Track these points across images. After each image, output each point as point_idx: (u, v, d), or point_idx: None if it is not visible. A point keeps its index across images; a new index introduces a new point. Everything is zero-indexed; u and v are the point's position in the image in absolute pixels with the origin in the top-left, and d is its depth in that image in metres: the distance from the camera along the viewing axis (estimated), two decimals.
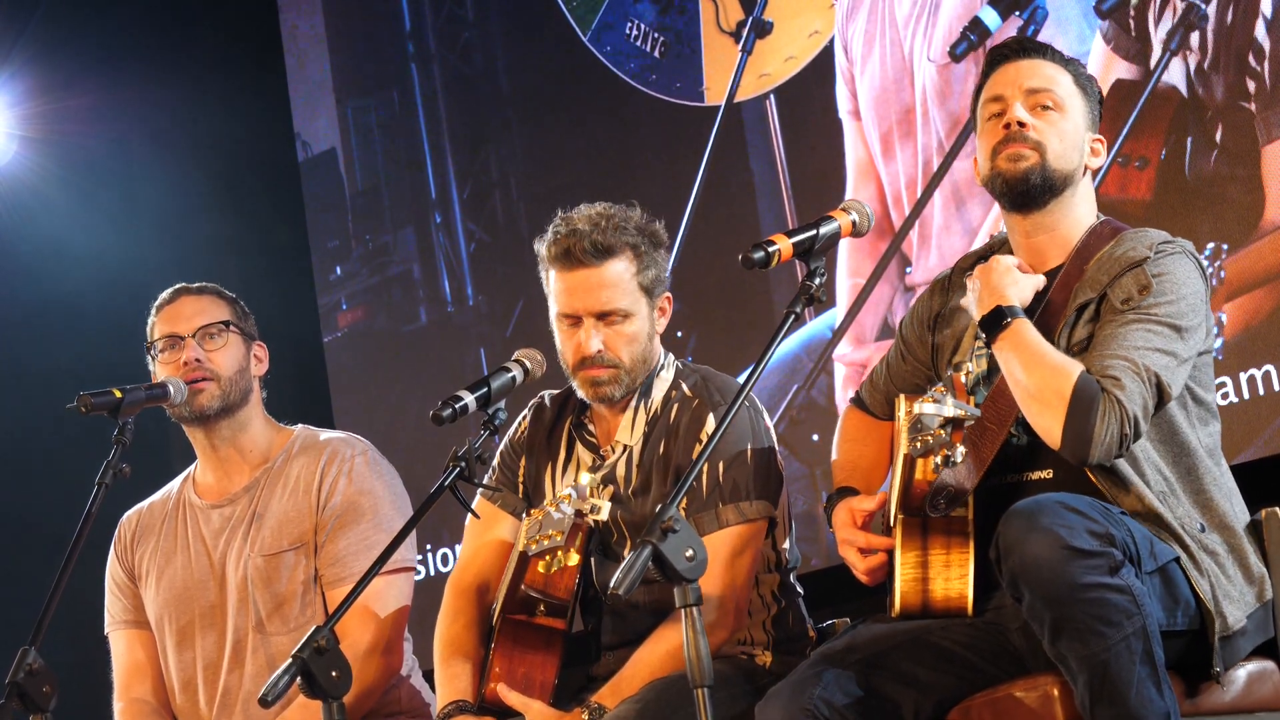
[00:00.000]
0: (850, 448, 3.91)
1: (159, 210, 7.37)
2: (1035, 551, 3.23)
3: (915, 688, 3.53)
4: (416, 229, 7.10)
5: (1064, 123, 3.67)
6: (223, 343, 4.49)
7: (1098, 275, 3.58)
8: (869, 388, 3.97)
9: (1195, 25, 5.28)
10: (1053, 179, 3.64)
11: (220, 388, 4.45)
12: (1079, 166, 3.68)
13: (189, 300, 4.53)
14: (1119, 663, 3.23)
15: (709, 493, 3.93)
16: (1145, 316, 3.49)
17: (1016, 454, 3.57)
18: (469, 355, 6.89)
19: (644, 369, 4.03)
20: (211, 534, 4.52)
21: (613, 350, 3.98)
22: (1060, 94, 3.68)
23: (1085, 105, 3.71)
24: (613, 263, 3.97)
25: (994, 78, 3.73)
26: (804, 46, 6.13)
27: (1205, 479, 3.57)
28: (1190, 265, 3.58)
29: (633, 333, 3.99)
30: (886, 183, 5.93)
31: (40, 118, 7.28)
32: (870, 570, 3.65)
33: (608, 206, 4.05)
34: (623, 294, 3.97)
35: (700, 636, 3.26)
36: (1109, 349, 3.46)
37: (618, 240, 3.97)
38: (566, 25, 6.70)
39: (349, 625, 4.23)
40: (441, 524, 6.68)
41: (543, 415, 4.21)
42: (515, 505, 4.16)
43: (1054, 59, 3.73)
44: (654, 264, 4.01)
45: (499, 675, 3.95)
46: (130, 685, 4.54)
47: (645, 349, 4.02)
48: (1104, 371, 3.42)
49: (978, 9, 5.72)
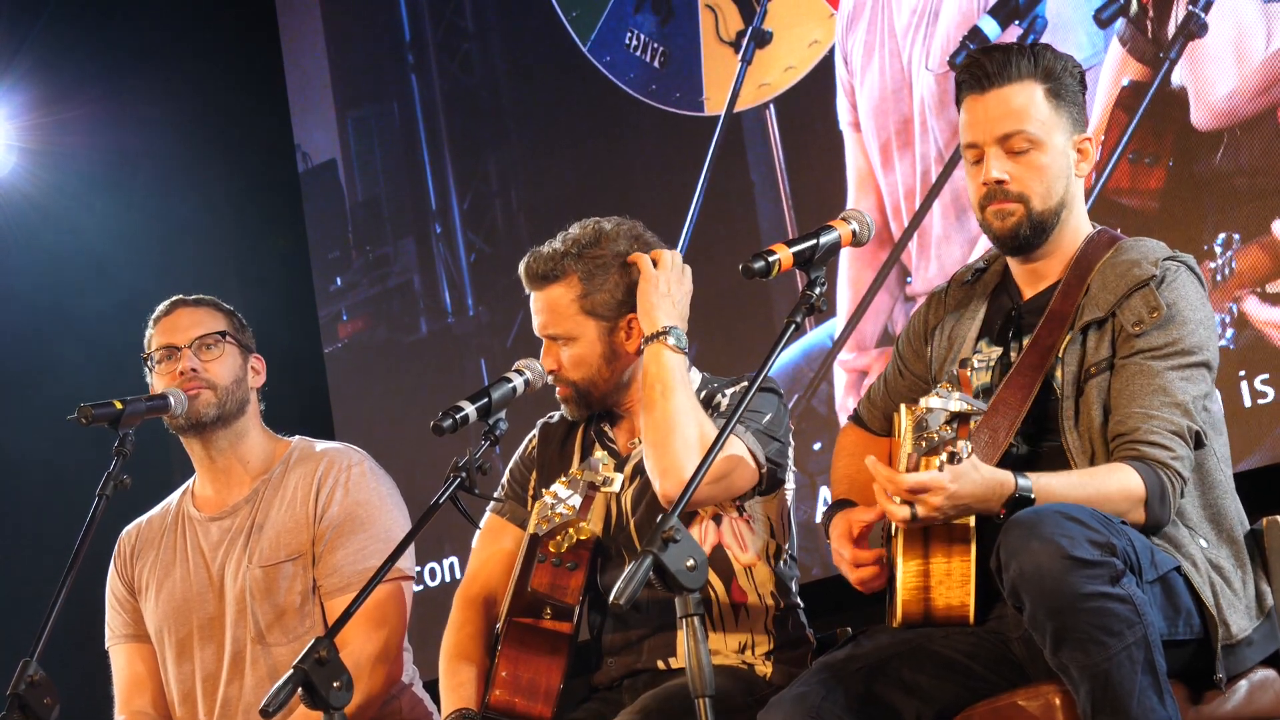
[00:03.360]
0: (849, 462, 3.90)
1: (159, 222, 7.37)
2: (1036, 561, 3.22)
3: (917, 696, 3.53)
4: (417, 240, 7.10)
5: (1043, 158, 3.59)
6: (219, 353, 4.49)
7: (1102, 293, 3.56)
8: (867, 405, 3.96)
9: (1195, 34, 5.28)
10: (1042, 223, 3.60)
11: (216, 396, 4.45)
12: (1067, 188, 3.63)
13: (185, 312, 4.53)
14: (1121, 672, 3.22)
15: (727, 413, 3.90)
16: (1173, 354, 3.47)
17: (1016, 464, 3.56)
18: (469, 366, 6.89)
19: (606, 388, 4.05)
20: (210, 546, 4.52)
21: (564, 373, 4.05)
22: (1034, 130, 3.58)
23: (1066, 117, 3.62)
24: (552, 288, 4.03)
25: (965, 114, 3.64)
26: (804, 56, 6.13)
27: (1217, 490, 3.57)
28: (1195, 284, 3.57)
29: (577, 355, 4.03)
30: (886, 193, 5.93)
31: (40, 130, 7.29)
32: (863, 581, 3.64)
33: (588, 226, 4.08)
34: (560, 319, 4.02)
35: (701, 645, 3.26)
36: (1149, 405, 3.43)
37: (557, 266, 4.02)
38: (566, 36, 6.70)
39: (349, 635, 4.23)
40: (442, 535, 6.67)
41: (552, 431, 4.23)
42: (523, 517, 4.16)
43: (1021, 74, 3.59)
44: (604, 287, 4.02)
45: (504, 680, 3.96)
46: (131, 699, 4.54)
47: (599, 370, 4.04)
48: (1149, 438, 3.40)
49: (976, 18, 5.72)
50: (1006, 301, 3.73)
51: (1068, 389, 3.54)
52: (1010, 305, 3.71)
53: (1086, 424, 3.52)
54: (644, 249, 4.08)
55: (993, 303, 3.75)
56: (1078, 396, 3.53)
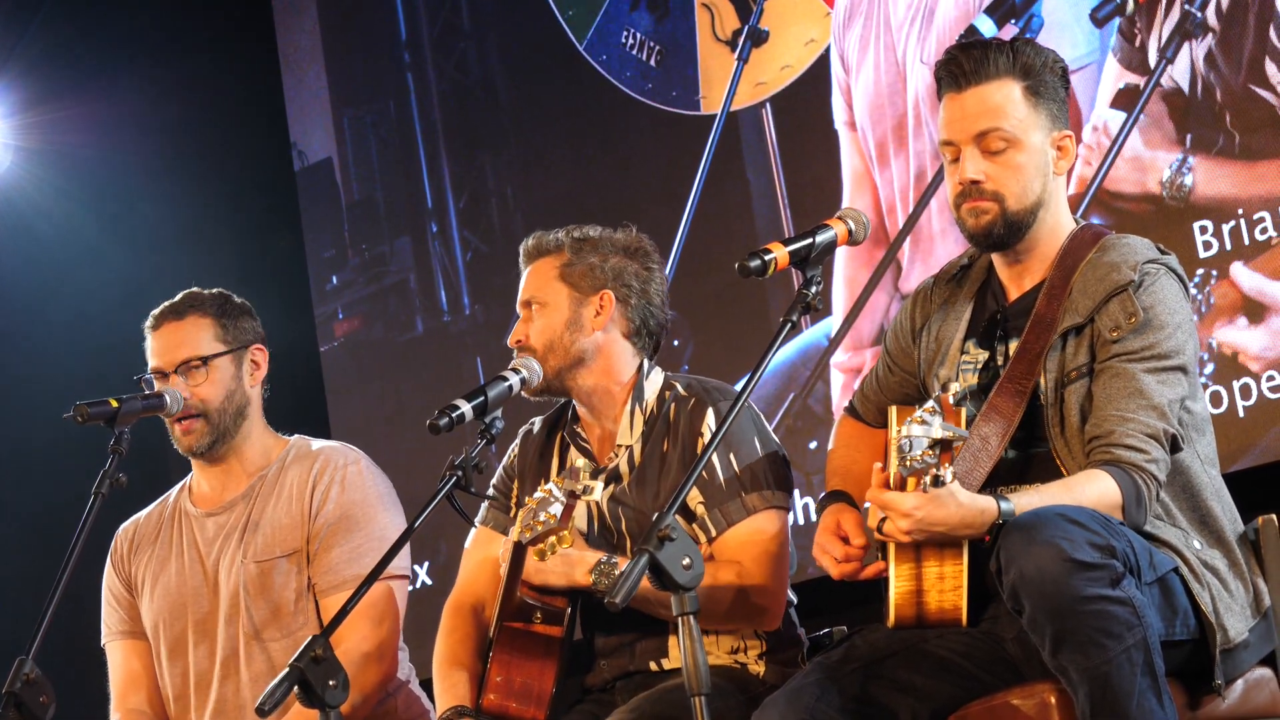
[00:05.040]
0: (844, 453, 3.90)
1: (155, 220, 7.37)
2: (1036, 564, 3.21)
3: (912, 696, 3.53)
4: (413, 238, 7.10)
5: (1020, 157, 3.58)
6: (204, 376, 4.46)
7: (1082, 298, 3.54)
8: (860, 398, 3.96)
9: (1191, 34, 5.28)
10: (1016, 222, 3.59)
11: (209, 423, 4.44)
12: (1045, 187, 3.60)
13: (170, 329, 4.49)
14: (1120, 674, 3.22)
15: (728, 484, 3.97)
16: (1149, 358, 3.45)
17: (1006, 467, 3.56)
18: (466, 364, 6.89)
19: (564, 359, 4.08)
20: (205, 541, 4.52)
21: (528, 341, 4.12)
22: (1010, 127, 3.56)
23: (1044, 114, 3.59)
24: (541, 260, 4.17)
25: (943, 112, 3.63)
26: (800, 55, 6.13)
27: (1204, 493, 3.55)
28: (1175, 287, 3.54)
29: (543, 323, 4.11)
30: (882, 191, 5.93)
31: (37, 128, 7.28)
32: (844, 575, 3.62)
33: (591, 226, 4.20)
34: (538, 284, 4.15)
35: (697, 645, 3.27)
36: (1124, 407, 3.42)
37: (551, 242, 4.16)
38: (562, 34, 6.70)
39: (344, 632, 4.23)
40: (438, 535, 6.67)
41: (530, 439, 4.27)
42: (507, 525, 4.18)
43: (999, 72, 3.58)
44: (586, 263, 4.12)
45: (497, 684, 3.95)
46: (127, 696, 4.54)
47: (560, 337, 4.09)
48: (1124, 441, 3.40)
49: (973, 14, 5.72)
50: (991, 302, 3.71)
51: (1050, 395, 3.53)
52: (995, 307, 3.70)
53: (1070, 430, 3.51)
54: (640, 260, 4.14)
55: (978, 303, 3.73)
56: (1060, 404, 3.52)
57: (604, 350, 4.10)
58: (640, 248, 4.17)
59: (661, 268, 4.21)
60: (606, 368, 4.11)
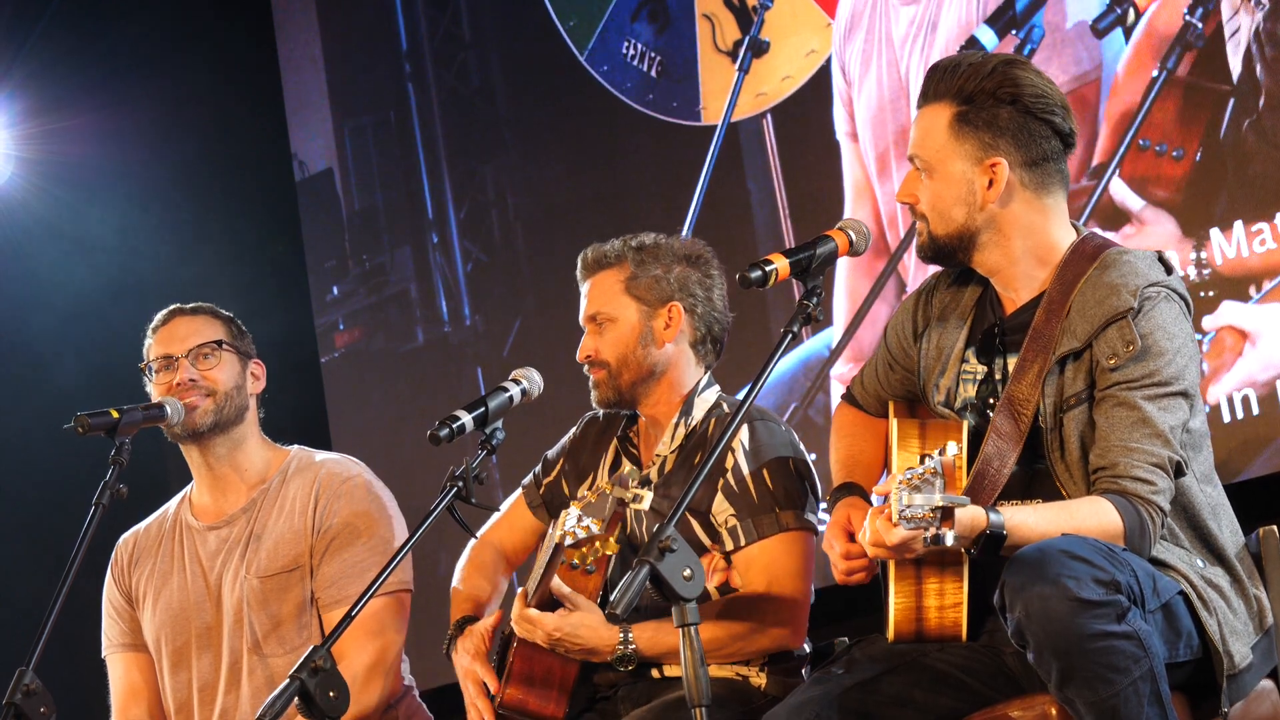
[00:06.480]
0: (849, 443, 3.88)
1: (156, 231, 7.37)
2: (1044, 604, 3.20)
3: (912, 708, 3.52)
4: (413, 249, 7.10)
5: (935, 184, 3.56)
6: (216, 361, 4.49)
7: (1080, 321, 3.49)
8: (859, 388, 3.92)
9: (1191, 45, 5.28)
10: (941, 244, 3.59)
11: (215, 403, 4.46)
12: (972, 216, 3.55)
13: (183, 321, 4.54)
14: (1128, 707, 3.21)
15: (761, 498, 4.01)
16: (1150, 385, 3.43)
17: (1012, 484, 3.54)
18: (466, 375, 6.89)
19: (638, 373, 4.13)
20: (208, 555, 4.52)
21: (599, 355, 4.15)
22: (929, 155, 3.56)
23: (967, 145, 3.53)
24: (603, 273, 4.20)
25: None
26: (801, 66, 6.13)
27: (1202, 512, 3.53)
28: (1175, 310, 3.50)
29: (615, 335, 4.14)
30: (883, 202, 5.93)
31: (37, 138, 7.29)
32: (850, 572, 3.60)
33: (653, 234, 4.25)
34: (604, 298, 4.17)
35: (698, 655, 3.27)
36: (1128, 437, 3.40)
37: (612, 254, 4.19)
38: (563, 45, 6.71)
39: (346, 646, 4.23)
40: (439, 546, 6.66)
41: (592, 426, 4.34)
42: (534, 499, 4.33)
43: (939, 95, 3.55)
44: (651, 274, 4.15)
45: (518, 674, 3.98)
46: (127, 708, 4.54)
47: (634, 351, 4.13)
48: (1130, 472, 3.38)
49: (974, 28, 5.72)
50: (990, 314, 3.68)
51: (1050, 420, 3.52)
52: (993, 319, 3.67)
53: (1070, 456, 3.50)
54: (702, 268, 4.18)
55: (977, 313, 3.71)
56: (1060, 429, 3.51)
57: (675, 362, 4.16)
58: (700, 255, 4.21)
59: (722, 273, 4.23)
60: (675, 380, 4.16)
